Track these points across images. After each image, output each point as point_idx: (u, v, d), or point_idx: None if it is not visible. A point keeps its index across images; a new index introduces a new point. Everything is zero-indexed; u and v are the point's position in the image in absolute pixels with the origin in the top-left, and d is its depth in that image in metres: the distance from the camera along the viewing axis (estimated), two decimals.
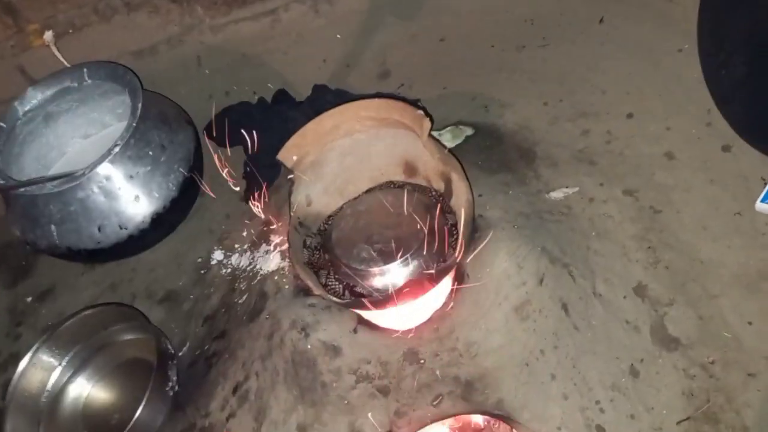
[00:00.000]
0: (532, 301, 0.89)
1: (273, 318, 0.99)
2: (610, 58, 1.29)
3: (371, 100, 1.01)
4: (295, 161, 1.02)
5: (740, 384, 0.89)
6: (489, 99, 1.33)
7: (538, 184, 1.14)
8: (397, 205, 1.03)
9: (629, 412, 0.88)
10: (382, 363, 0.89)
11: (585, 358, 0.91)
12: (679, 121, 1.16)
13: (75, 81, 1.31)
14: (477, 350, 0.88)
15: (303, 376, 0.90)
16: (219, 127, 1.46)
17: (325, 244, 1.04)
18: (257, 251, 1.21)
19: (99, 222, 1.15)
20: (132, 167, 1.16)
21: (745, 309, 0.94)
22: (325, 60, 1.51)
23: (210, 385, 1.07)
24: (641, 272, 1.01)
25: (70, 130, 1.41)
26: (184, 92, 1.47)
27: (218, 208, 1.38)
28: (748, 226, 1.01)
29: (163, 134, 1.22)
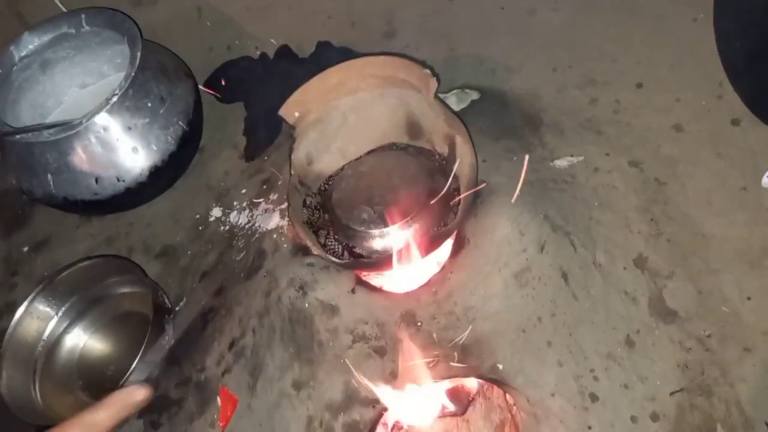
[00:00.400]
0: (532, 268, 0.88)
1: (271, 276, 0.99)
2: (622, 26, 1.26)
3: (377, 57, 0.98)
4: (297, 117, 1.00)
5: (736, 358, 0.90)
6: (496, 63, 1.30)
7: (543, 151, 1.12)
8: (400, 167, 1.01)
9: (623, 381, 0.89)
10: (379, 324, 0.89)
11: (582, 326, 0.91)
12: (690, 93, 1.13)
13: (72, 27, 1.27)
14: (475, 314, 0.87)
15: (300, 334, 0.90)
16: (219, 82, 1.43)
17: (325, 204, 1.03)
18: (256, 209, 1.20)
19: (96, 173, 1.13)
20: (130, 118, 1.14)
21: (746, 284, 0.94)
22: (330, 17, 1.46)
23: (206, 340, 1.07)
24: (642, 244, 1.01)
25: (67, 78, 1.37)
26: (183, 44, 1.43)
27: (217, 164, 1.36)
28: (754, 201, 1.00)
29: (162, 86, 1.19)
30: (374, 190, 0.99)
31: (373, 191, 0.98)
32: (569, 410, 0.85)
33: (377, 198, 0.97)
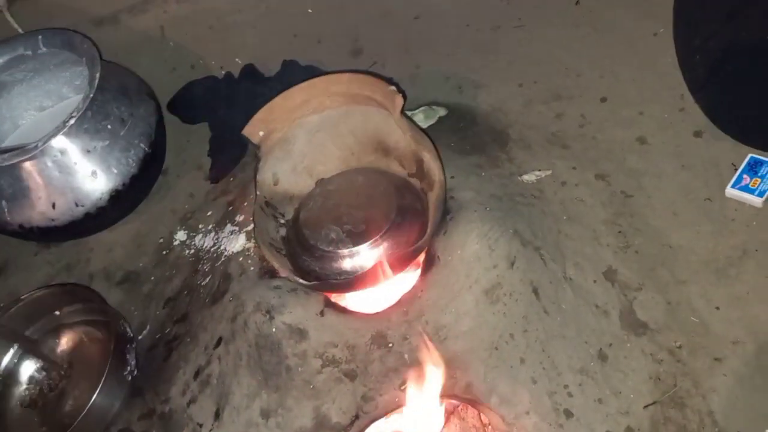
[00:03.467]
0: (502, 284, 0.87)
1: (237, 300, 0.96)
2: (585, 40, 1.28)
3: (342, 75, 0.97)
4: (261, 137, 0.98)
5: (706, 369, 0.89)
6: (463, 79, 1.31)
7: (511, 166, 1.12)
8: (368, 185, 1.00)
9: (597, 396, 0.88)
10: (349, 347, 0.86)
11: (554, 342, 0.90)
12: (653, 106, 1.15)
13: (29, 49, 1.24)
14: (446, 334, 0.86)
15: (267, 360, 0.87)
16: (183, 102, 1.40)
17: (293, 225, 1.00)
18: (222, 231, 1.17)
19: (53, 198, 1.10)
20: (89, 141, 1.10)
21: (713, 294, 0.95)
22: (295, 35, 1.46)
23: (171, 369, 1.03)
24: (611, 257, 1.01)
25: (24, 101, 1.34)
26: (146, 64, 1.41)
27: (182, 186, 1.33)
28: (718, 212, 1.01)
29: (122, 107, 1.17)
30: (342, 209, 0.97)
31: (342, 210, 0.97)
32: (544, 428, 0.83)
33: (345, 217, 0.95)
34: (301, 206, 1.02)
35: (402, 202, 0.96)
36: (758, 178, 0.99)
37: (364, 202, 0.97)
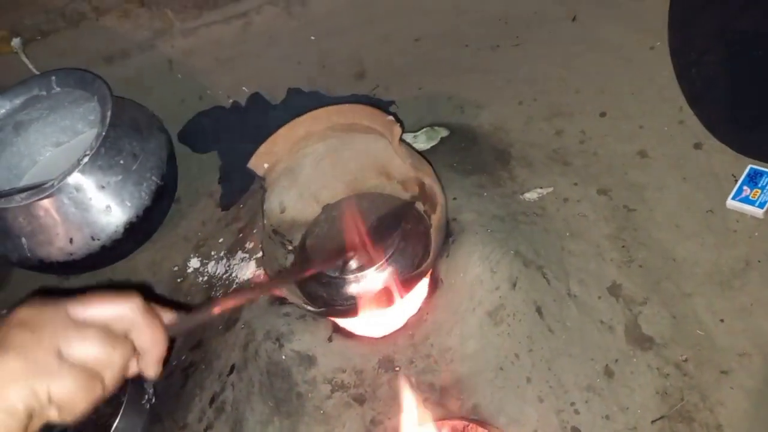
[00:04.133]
0: (505, 306, 0.89)
1: (248, 328, 0.98)
2: (583, 56, 1.29)
3: (341, 106, 1.00)
4: (266, 169, 1.01)
5: (713, 382, 0.90)
6: (464, 99, 1.33)
7: (513, 185, 1.13)
8: (372, 210, 1.02)
9: (604, 412, 0.88)
10: (357, 371, 0.88)
11: (560, 360, 0.91)
12: (652, 119, 1.16)
13: (44, 89, 1.29)
14: (452, 356, 0.88)
15: (278, 387, 0.90)
16: (193, 133, 1.44)
17: (300, 251, 1.03)
18: (233, 258, 1.20)
19: (70, 234, 1.14)
20: (103, 177, 1.15)
21: (718, 307, 0.95)
22: (299, 62, 1.49)
23: (187, 396, 1.06)
24: (615, 272, 1.01)
25: (41, 138, 1.39)
26: (156, 97, 1.46)
27: (194, 215, 1.36)
28: (720, 223, 1.02)
29: (134, 142, 1.21)
30: (347, 236, 0.99)
31: (346, 237, 0.99)
32: None
33: (350, 244, 0.97)
34: (307, 233, 1.04)
35: (405, 226, 0.98)
36: (758, 189, 0.99)
37: (368, 228, 0.99)
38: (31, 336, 0.42)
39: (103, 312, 0.46)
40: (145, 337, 0.47)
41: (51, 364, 0.41)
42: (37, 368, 0.41)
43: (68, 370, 0.42)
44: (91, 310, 0.45)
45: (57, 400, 0.42)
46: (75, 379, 0.42)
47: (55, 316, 0.44)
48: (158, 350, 0.48)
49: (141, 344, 0.47)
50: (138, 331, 0.47)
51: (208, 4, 1.46)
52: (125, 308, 0.47)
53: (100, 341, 0.44)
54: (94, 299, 0.46)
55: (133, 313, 0.47)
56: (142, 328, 0.47)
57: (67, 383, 0.42)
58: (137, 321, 0.47)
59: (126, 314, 0.46)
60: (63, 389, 0.42)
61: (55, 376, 0.41)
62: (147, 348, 0.48)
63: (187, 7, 1.46)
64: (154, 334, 0.48)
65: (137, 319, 0.47)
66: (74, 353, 0.43)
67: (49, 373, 0.41)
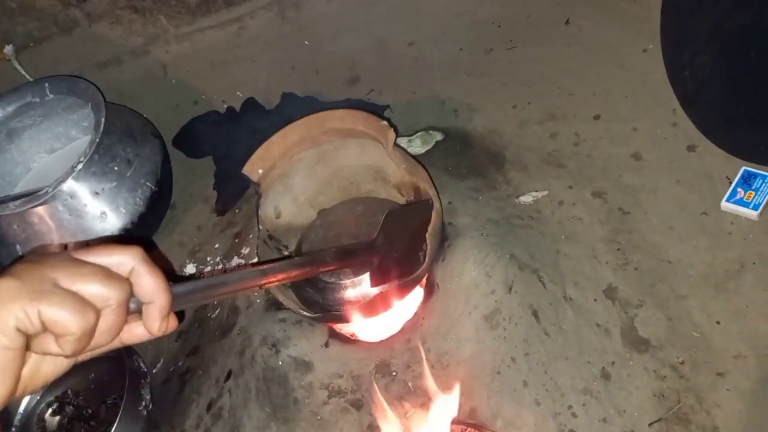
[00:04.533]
0: (501, 310, 0.89)
1: (244, 334, 0.98)
2: (576, 59, 1.30)
3: (335, 111, 1.00)
4: (261, 174, 1.01)
5: (710, 384, 0.90)
6: (458, 103, 1.33)
7: (508, 188, 1.14)
8: (368, 214, 1.02)
9: (601, 415, 0.89)
10: (354, 377, 0.88)
11: (556, 363, 0.91)
12: (646, 121, 1.16)
13: (37, 96, 1.28)
14: (448, 360, 0.88)
15: (275, 393, 0.90)
16: (187, 138, 1.44)
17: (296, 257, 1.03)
18: (229, 264, 1.20)
19: (65, 240, 1.13)
20: (97, 183, 1.14)
21: (713, 309, 0.95)
22: (293, 66, 1.49)
23: (184, 402, 1.06)
24: (611, 274, 1.02)
25: (34, 145, 1.38)
26: (150, 102, 1.45)
27: (189, 220, 1.36)
28: (714, 225, 1.02)
29: (128, 148, 1.20)
30: (343, 240, 0.99)
31: (342, 241, 0.99)
32: None
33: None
34: (302, 238, 1.04)
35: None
36: (752, 191, 0.99)
37: (364, 232, 0.99)
38: (30, 266, 0.43)
39: (103, 255, 0.46)
40: (146, 282, 0.46)
41: (45, 287, 0.41)
42: (30, 290, 0.41)
43: (61, 294, 0.42)
44: (92, 253, 0.46)
45: (49, 323, 0.41)
46: (66, 302, 0.42)
47: (58, 255, 0.45)
48: (161, 300, 0.47)
49: (142, 291, 0.46)
50: (138, 276, 0.46)
51: (201, 10, 1.46)
52: (125, 253, 0.46)
53: (96, 274, 0.44)
54: (95, 246, 0.47)
55: (134, 260, 0.46)
56: (142, 275, 0.46)
57: (58, 305, 0.41)
58: (137, 267, 0.46)
59: (127, 260, 0.46)
60: (54, 312, 0.41)
61: (46, 297, 0.41)
62: (149, 296, 0.47)
63: (181, 12, 1.46)
64: (156, 282, 0.47)
65: (137, 265, 0.46)
66: (70, 284, 0.43)
67: (40, 294, 0.41)
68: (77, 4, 1.41)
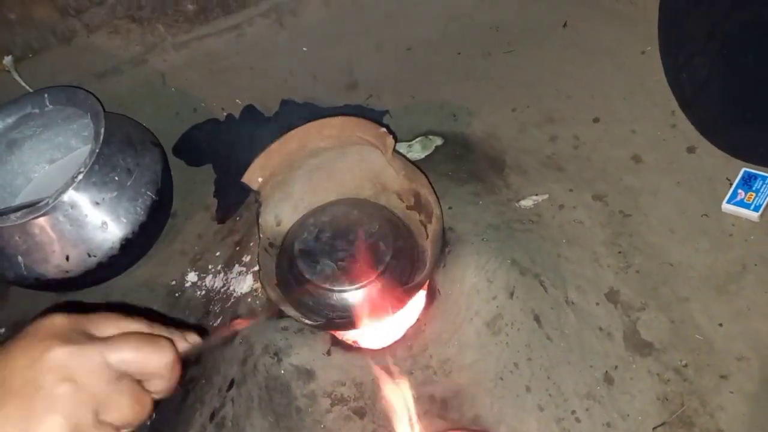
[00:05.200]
0: (503, 315, 0.89)
1: (246, 342, 0.98)
2: (574, 62, 1.30)
3: (333, 119, 1.00)
4: (260, 183, 1.01)
5: (713, 387, 0.90)
6: (457, 107, 1.33)
7: (508, 192, 1.14)
8: (363, 218, 1.01)
9: (605, 420, 0.88)
10: (356, 384, 0.88)
11: (559, 368, 0.91)
12: (644, 123, 1.17)
13: (36, 107, 1.28)
14: (451, 367, 0.88)
15: (277, 402, 0.90)
16: (187, 146, 1.44)
17: (287, 255, 1.02)
18: (231, 272, 1.20)
19: (66, 251, 1.13)
20: (98, 193, 1.14)
21: (715, 311, 0.95)
22: (292, 73, 1.49)
23: (187, 411, 1.05)
24: (612, 278, 1.02)
25: (35, 156, 1.38)
26: (150, 111, 1.46)
27: (190, 228, 1.36)
28: (715, 227, 1.02)
29: (128, 158, 1.20)
30: (335, 245, 0.98)
31: (334, 246, 0.98)
32: None
33: (341, 253, 0.97)
34: (294, 235, 1.01)
35: (399, 234, 0.98)
36: (753, 193, 0.99)
37: (360, 236, 0.99)
38: (72, 393, 0.43)
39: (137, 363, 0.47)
40: (162, 386, 0.49)
41: (87, 424, 0.43)
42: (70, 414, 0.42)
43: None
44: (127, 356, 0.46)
45: None
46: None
47: (95, 364, 0.44)
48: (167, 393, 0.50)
49: (156, 389, 0.49)
50: (160, 381, 0.48)
51: (199, 18, 1.46)
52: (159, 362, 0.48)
53: (131, 402, 0.45)
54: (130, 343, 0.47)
55: (163, 368, 0.48)
56: (164, 380, 0.49)
57: None
58: (164, 375, 0.48)
59: (158, 368, 0.48)
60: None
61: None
62: (158, 393, 0.49)
63: (179, 21, 1.46)
64: (171, 383, 0.49)
65: (164, 374, 0.48)
66: (109, 417, 0.44)
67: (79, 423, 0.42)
68: (75, 14, 1.41)
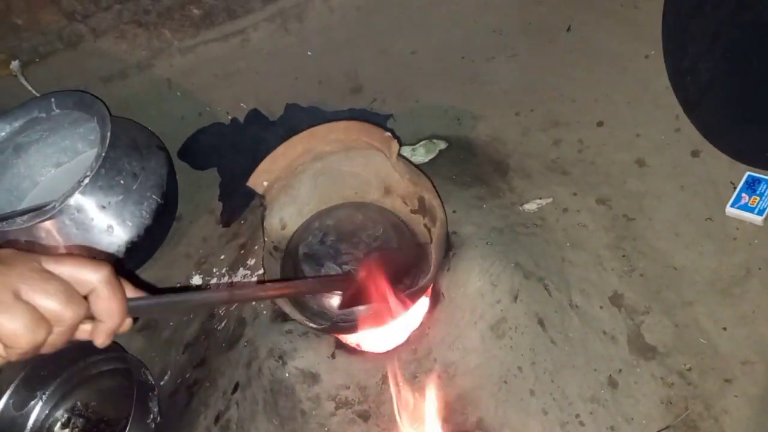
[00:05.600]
0: (507, 319, 0.89)
1: (251, 345, 0.99)
2: (578, 66, 1.30)
3: (338, 123, 1.00)
4: (266, 187, 1.02)
5: (717, 390, 0.90)
6: (461, 111, 1.34)
7: (512, 196, 1.14)
8: (366, 223, 1.01)
9: (609, 423, 0.88)
10: (360, 387, 0.88)
11: (563, 371, 0.91)
12: (649, 127, 1.17)
13: (43, 111, 1.29)
14: (455, 370, 0.88)
15: (282, 405, 0.90)
16: (192, 150, 1.45)
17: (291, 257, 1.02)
18: (235, 275, 1.20)
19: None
20: (103, 197, 1.15)
21: (720, 315, 0.95)
22: (297, 77, 1.50)
23: (192, 414, 1.06)
24: (616, 281, 1.02)
25: (41, 159, 1.39)
26: (155, 115, 1.46)
27: (195, 231, 1.37)
28: (719, 231, 1.02)
29: (134, 162, 1.21)
30: (340, 249, 0.98)
31: (339, 249, 0.98)
32: None
33: (345, 256, 0.97)
34: (299, 238, 1.02)
35: (403, 238, 0.98)
36: (757, 196, 0.99)
37: (362, 242, 0.99)
38: (1, 269, 0.45)
39: (70, 271, 0.48)
40: (103, 305, 0.49)
41: (6, 300, 0.44)
42: None
43: (20, 309, 0.45)
44: (61, 266, 0.48)
45: (2, 333, 0.44)
46: (23, 318, 0.45)
47: (28, 260, 0.47)
48: (113, 322, 0.50)
49: (97, 311, 0.49)
50: (98, 298, 0.49)
51: (205, 23, 1.47)
52: (92, 273, 0.49)
53: (57, 293, 0.46)
54: (66, 258, 0.49)
55: (99, 280, 0.49)
56: (102, 296, 0.49)
57: (14, 320, 0.44)
58: (99, 288, 0.49)
59: (91, 279, 0.49)
60: (9, 325, 0.44)
61: (6, 310, 0.44)
62: (102, 316, 0.49)
63: (185, 26, 1.47)
64: (112, 306, 0.49)
65: (100, 287, 0.49)
66: (31, 297, 0.45)
67: (1, 307, 0.44)
68: (82, 19, 1.42)
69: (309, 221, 1.06)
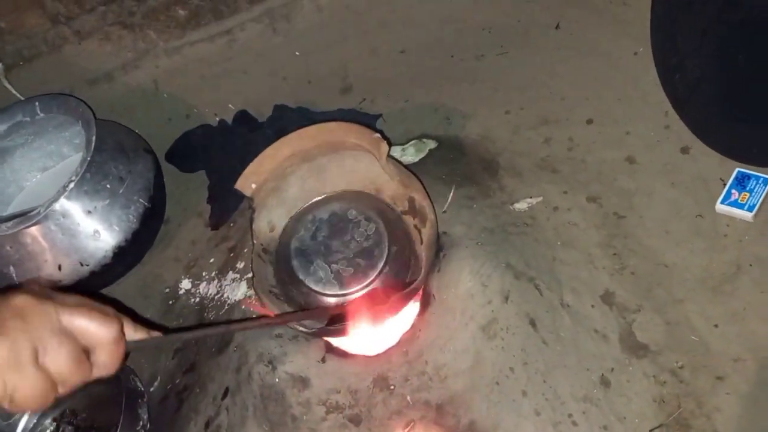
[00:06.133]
0: (498, 320, 0.89)
1: (241, 350, 0.98)
2: (567, 63, 1.30)
3: (327, 124, 0.99)
4: (254, 189, 1.01)
5: (709, 388, 0.90)
6: (451, 110, 1.33)
7: (502, 195, 1.13)
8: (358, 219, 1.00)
9: (602, 423, 0.88)
10: (351, 391, 0.88)
11: (555, 371, 0.90)
12: (638, 124, 1.16)
13: (27, 115, 1.27)
14: (446, 372, 0.87)
15: (272, 410, 0.89)
16: (180, 152, 1.44)
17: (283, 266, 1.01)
18: (224, 279, 1.19)
19: (59, 260, 1.13)
20: (89, 202, 1.14)
21: (711, 312, 0.95)
22: (285, 78, 1.49)
23: (182, 420, 1.05)
24: (608, 279, 1.01)
25: (26, 164, 1.38)
26: (142, 117, 1.45)
27: (184, 235, 1.35)
28: (710, 228, 1.02)
29: (120, 165, 1.20)
30: (331, 248, 0.97)
31: (330, 249, 0.97)
32: None
33: (335, 255, 0.96)
34: (290, 231, 1.01)
35: (394, 238, 0.97)
36: (747, 193, 0.99)
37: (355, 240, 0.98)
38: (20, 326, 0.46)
39: (84, 325, 0.50)
40: (105, 360, 0.51)
41: (26, 364, 0.46)
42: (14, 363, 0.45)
43: (37, 376, 0.46)
44: (76, 320, 0.49)
45: (15, 396, 0.46)
46: (38, 385, 0.47)
47: (46, 315, 0.48)
48: (107, 372, 0.52)
49: (98, 362, 0.51)
50: (102, 352, 0.51)
51: (191, 23, 1.46)
52: (103, 331, 0.51)
53: (69, 359, 0.48)
54: (83, 311, 0.50)
55: (107, 340, 0.51)
56: (106, 352, 0.51)
57: (31, 387, 0.46)
58: (106, 345, 0.51)
59: (101, 337, 0.51)
60: (24, 390, 0.46)
61: (24, 376, 0.46)
62: (100, 368, 0.52)
63: (170, 26, 1.45)
64: (113, 361, 0.52)
65: (106, 344, 0.51)
66: (47, 360, 0.47)
67: (20, 372, 0.46)
68: (66, 21, 1.40)
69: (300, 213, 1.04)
